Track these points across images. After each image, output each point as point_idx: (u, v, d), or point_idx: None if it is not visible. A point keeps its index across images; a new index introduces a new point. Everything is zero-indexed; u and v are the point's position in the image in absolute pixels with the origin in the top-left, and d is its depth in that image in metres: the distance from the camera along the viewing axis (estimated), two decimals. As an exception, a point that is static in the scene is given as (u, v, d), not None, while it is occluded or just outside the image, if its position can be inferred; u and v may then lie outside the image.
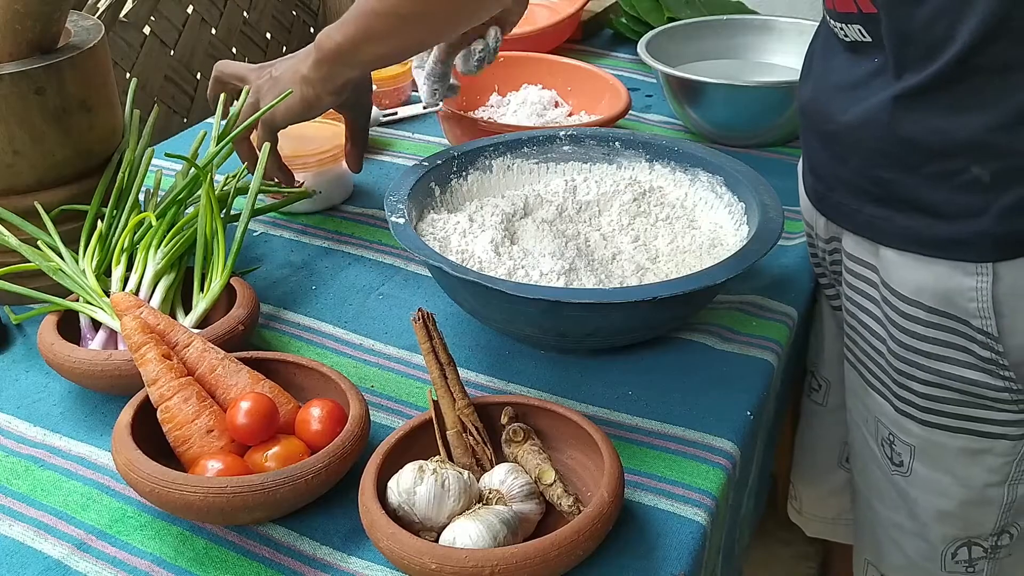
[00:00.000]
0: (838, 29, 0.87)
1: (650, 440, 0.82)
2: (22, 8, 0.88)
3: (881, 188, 0.84)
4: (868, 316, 0.92)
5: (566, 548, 0.65)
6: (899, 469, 0.93)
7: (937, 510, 0.92)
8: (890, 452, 0.93)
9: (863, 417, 0.97)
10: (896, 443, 0.92)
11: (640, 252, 0.93)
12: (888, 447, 0.93)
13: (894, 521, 0.97)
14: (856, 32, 0.84)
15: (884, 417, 0.93)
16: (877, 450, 0.95)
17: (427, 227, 0.95)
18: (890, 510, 0.97)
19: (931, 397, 0.88)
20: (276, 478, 0.69)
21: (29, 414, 0.84)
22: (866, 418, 0.96)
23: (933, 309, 0.84)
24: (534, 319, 0.85)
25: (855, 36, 0.84)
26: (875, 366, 0.92)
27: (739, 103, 1.25)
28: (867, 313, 0.92)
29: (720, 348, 0.92)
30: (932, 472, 0.91)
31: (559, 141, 1.06)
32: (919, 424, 0.89)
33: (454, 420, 0.74)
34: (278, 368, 0.81)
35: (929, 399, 0.88)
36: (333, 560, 0.71)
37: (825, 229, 0.96)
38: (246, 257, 1.06)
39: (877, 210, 0.85)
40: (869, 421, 0.95)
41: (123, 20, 1.46)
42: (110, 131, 0.99)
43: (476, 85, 1.36)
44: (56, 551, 0.71)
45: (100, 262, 0.91)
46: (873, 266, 0.89)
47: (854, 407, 0.99)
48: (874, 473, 0.97)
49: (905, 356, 0.88)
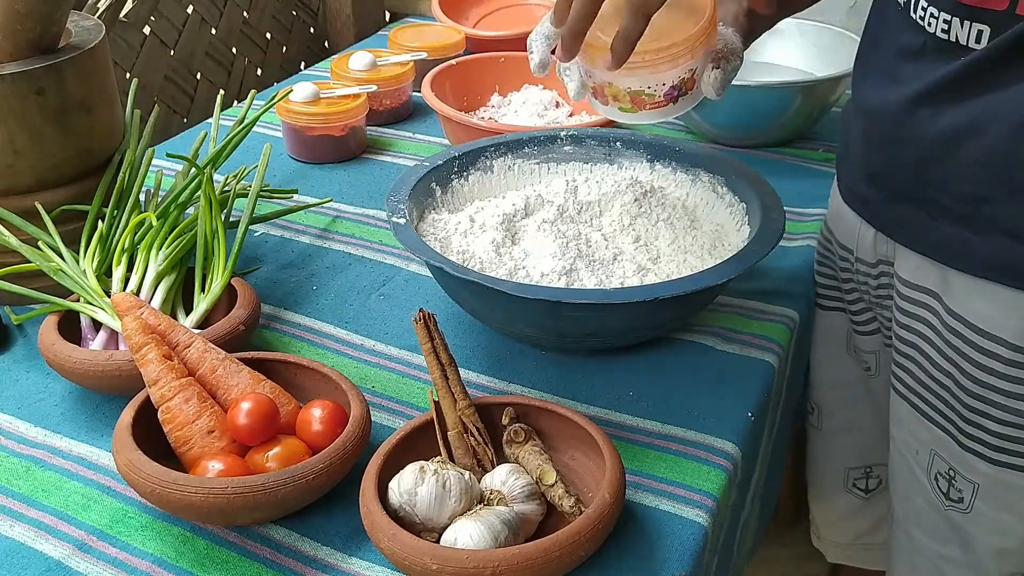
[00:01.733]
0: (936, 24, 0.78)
1: (651, 441, 0.82)
2: (22, 8, 0.88)
3: (967, 206, 0.77)
4: (928, 345, 0.86)
5: (567, 549, 0.65)
6: (957, 505, 0.89)
7: (997, 548, 0.88)
8: (947, 487, 0.88)
9: (911, 448, 0.92)
10: (957, 479, 0.87)
11: (641, 252, 0.93)
12: (945, 482, 0.88)
13: (941, 553, 0.92)
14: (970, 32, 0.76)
15: (944, 452, 0.88)
16: (927, 483, 0.90)
17: (428, 227, 0.95)
18: (937, 542, 0.92)
19: (1006, 437, 0.83)
20: (277, 479, 0.68)
21: (30, 414, 0.84)
22: (916, 450, 0.91)
23: (1017, 348, 0.78)
24: (535, 319, 0.85)
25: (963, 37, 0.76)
26: (936, 399, 0.87)
27: (739, 103, 1.25)
28: (927, 342, 0.86)
29: (721, 349, 0.92)
30: (996, 511, 0.86)
31: (560, 141, 1.06)
32: (988, 463, 0.84)
33: (455, 421, 0.74)
34: (279, 368, 0.81)
35: (1003, 438, 0.83)
36: (334, 561, 0.71)
37: (873, 249, 0.91)
38: (247, 257, 1.06)
39: (955, 230, 0.79)
40: (921, 453, 0.90)
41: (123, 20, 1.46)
42: (110, 131, 0.99)
43: (477, 85, 1.36)
44: (57, 552, 0.71)
45: (101, 262, 0.91)
46: (934, 292, 0.84)
47: (900, 437, 0.94)
48: (919, 505, 0.93)
49: (979, 393, 0.82)
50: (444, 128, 1.28)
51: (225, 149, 1.04)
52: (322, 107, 1.25)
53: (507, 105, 1.34)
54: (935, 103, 0.79)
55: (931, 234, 0.82)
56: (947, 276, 0.82)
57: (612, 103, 0.86)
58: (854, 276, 0.97)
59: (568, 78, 0.87)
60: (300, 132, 1.26)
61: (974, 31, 0.75)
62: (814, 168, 1.26)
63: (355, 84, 1.32)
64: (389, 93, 1.37)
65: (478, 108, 1.36)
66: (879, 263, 0.92)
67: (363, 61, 1.36)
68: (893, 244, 0.90)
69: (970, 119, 0.76)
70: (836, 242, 0.98)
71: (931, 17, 0.79)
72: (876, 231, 0.91)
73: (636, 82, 0.83)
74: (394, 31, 1.50)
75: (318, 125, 1.25)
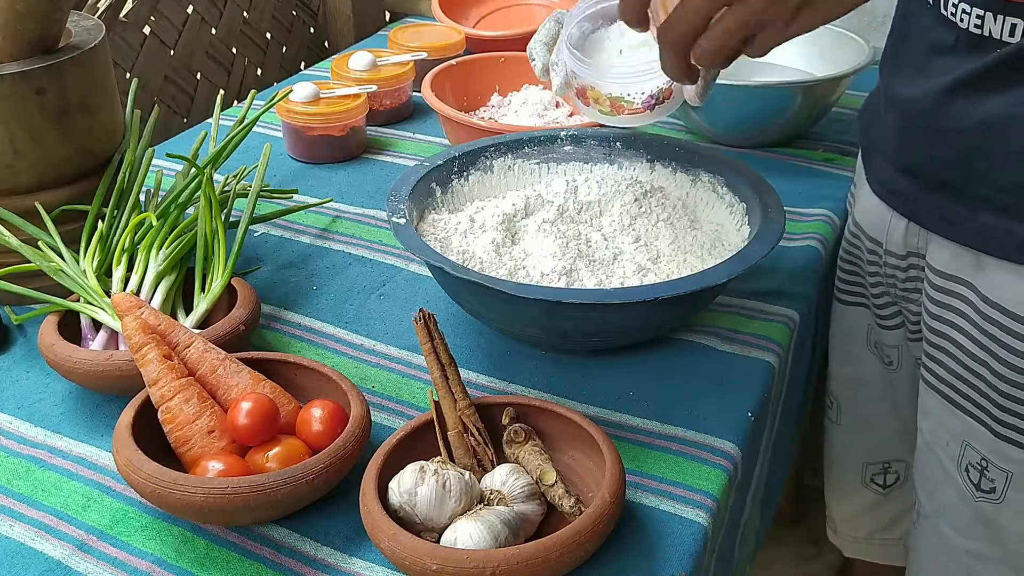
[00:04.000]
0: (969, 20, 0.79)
1: (651, 441, 0.82)
2: (23, 8, 0.88)
3: (1009, 195, 0.78)
4: (962, 335, 0.87)
5: (567, 549, 0.65)
6: (988, 496, 0.89)
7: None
8: (978, 478, 0.89)
9: (940, 440, 0.92)
10: (989, 469, 0.88)
11: (641, 252, 0.93)
12: (976, 472, 0.89)
13: (970, 548, 0.92)
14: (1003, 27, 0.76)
15: (976, 442, 0.88)
16: (957, 475, 0.91)
17: (428, 227, 0.95)
18: (966, 537, 0.92)
19: None
20: (277, 479, 0.68)
21: (30, 415, 0.84)
22: (946, 441, 0.91)
23: None
24: (536, 319, 0.85)
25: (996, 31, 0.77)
26: (970, 389, 0.87)
27: (739, 103, 1.25)
28: (960, 332, 0.87)
29: (721, 349, 0.92)
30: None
31: (560, 141, 1.06)
32: (1023, 450, 0.85)
33: (455, 420, 0.74)
34: (279, 368, 0.81)
35: None
36: (334, 561, 0.71)
37: (904, 241, 0.92)
38: (247, 257, 1.06)
39: (996, 219, 0.80)
40: (951, 445, 0.91)
41: (123, 20, 1.46)
42: (110, 131, 0.99)
43: (477, 85, 1.36)
44: (57, 552, 0.71)
45: (101, 262, 0.91)
46: (968, 282, 0.84)
47: (929, 429, 0.94)
48: (948, 498, 0.93)
49: (1014, 379, 0.83)
50: (444, 128, 1.28)
51: (225, 149, 1.04)
52: (322, 107, 1.25)
53: (507, 105, 1.34)
54: (971, 95, 0.80)
55: (969, 223, 0.82)
56: (983, 265, 0.82)
57: (593, 105, 0.91)
58: (881, 269, 0.97)
59: (554, 73, 0.91)
60: (300, 132, 1.26)
61: (1008, 25, 0.76)
62: (814, 168, 1.26)
63: (355, 84, 1.32)
64: (389, 93, 1.37)
65: (478, 108, 1.36)
66: (909, 255, 0.92)
67: (363, 61, 1.36)
68: (925, 235, 0.90)
69: (1007, 109, 0.77)
70: (864, 235, 0.98)
71: (963, 13, 0.79)
72: (908, 223, 0.92)
73: (618, 89, 0.89)
74: (394, 31, 1.50)
75: (318, 125, 1.25)
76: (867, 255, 0.99)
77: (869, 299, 1.03)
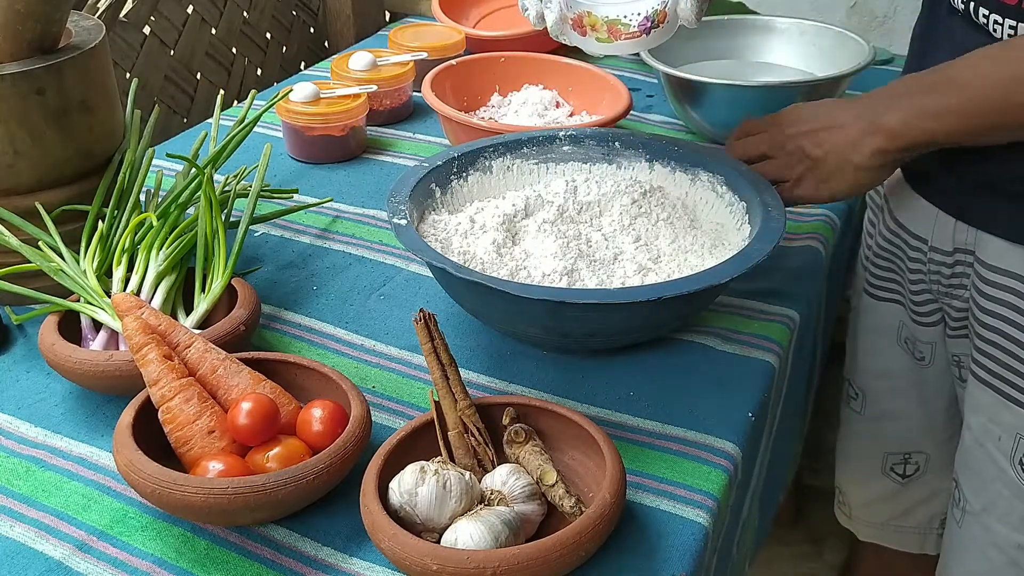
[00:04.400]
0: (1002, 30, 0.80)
1: (651, 441, 0.82)
2: (23, 8, 0.88)
3: None
4: (1016, 329, 0.88)
5: (568, 549, 0.65)
6: None
7: None
8: None
9: (992, 435, 0.93)
10: None
11: (641, 252, 0.93)
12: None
13: (1020, 542, 0.93)
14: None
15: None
16: (1010, 469, 0.92)
17: (428, 228, 0.95)
18: (1016, 531, 0.93)
19: None
20: (277, 479, 0.68)
21: (30, 415, 0.84)
22: (999, 436, 0.92)
23: None
24: (537, 320, 0.85)
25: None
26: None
27: (740, 103, 1.25)
28: (1014, 326, 0.88)
29: (721, 349, 0.92)
30: None
31: (559, 141, 1.06)
32: None
33: (455, 421, 0.74)
34: (279, 369, 0.81)
35: None
36: (334, 561, 0.71)
37: (952, 238, 0.92)
38: (247, 257, 1.06)
39: None
40: (1004, 439, 0.92)
41: (123, 20, 1.46)
42: (110, 131, 0.99)
43: (477, 85, 1.36)
44: (57, 552, 0.71)
45: (101, 263, 0.91)
46: (1020, 276, 0.85)
47: (978, 425, 0.95)
48: (999, 492, 0.94)
49: None
50: (444, 128, 1.28)
51: (225, 149, 1.04)
52: (322, 107, 1.25)
53: (507, 105, 1.34)
54: None
55: (1020, 219, 0.83)
56: None
57: (590, 33, 0.92)
58: (925, 267, 0.97)
59: (548, 12, 0.91)
60: (300, 132, 1.26)
61: None
62: (814, 168, 1.26)
63: (355, 84, 1.32)
64: (389, 93, 1.37)
65: (478, 108, 1.36)
66: (956, 251, 0.93)
67: (363, 61, 1.36)
68: (974, 231, 0.91)
69: None
70: (907, 232, 0.99)
71: (995, 24, 0.81)
72: (956, 220, 0.92)
73: (613, 11, 0.89)
74: (394, 31, 1.49)
75: (318, 125, 1.25)
76: (910, 252, 1.00)
77: (906, 295, 1.04)
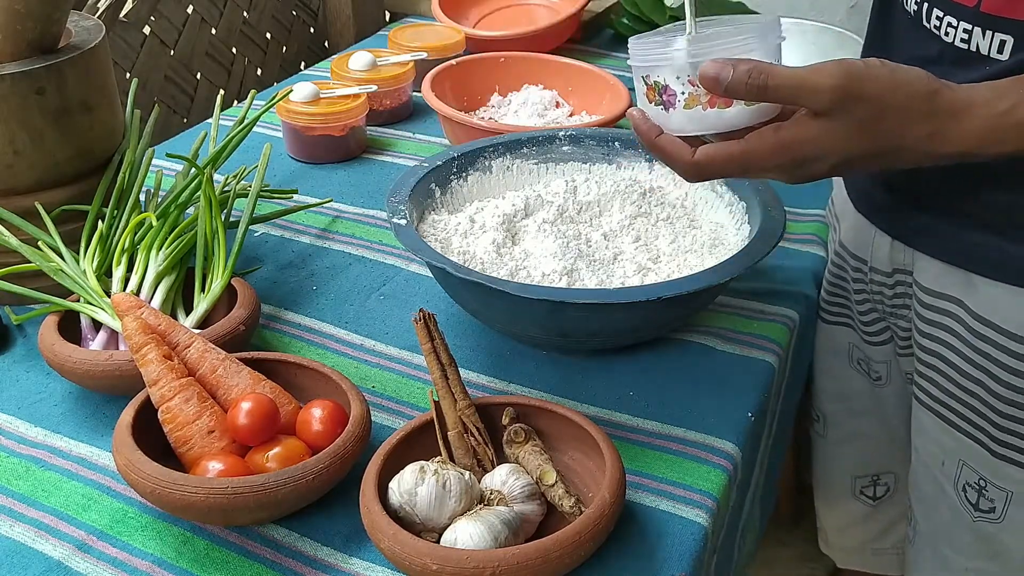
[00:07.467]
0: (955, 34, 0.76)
1: (651, 441, 0.82)
2: (23, 8, 0.88)
3: (994, 212, 0.77)
4: (954, 354, 0.85)
5: (567, 549, 0.65)
6: (988, 515, 0.87)
7: None
8: (976, 498, 0.88)
9: (936, 459, 0.91)
10: (988, 489, 0.86)
11: (641, 252, 0.93)
12: (975, 492, 0.88)
13: (970, 567, 0.91)
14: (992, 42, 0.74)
15: (974, 461, 0.87)
16: (954, 494, 0.89)
17: (428, 228, 0.95)
18: (965, 556, 0.91)
19: None
20: (277, 479, 0.68)
21: (30, 415, 0.84)
22: (942, 461, 0.90)
23: None
24: (537, 319, 0.85)
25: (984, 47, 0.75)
26: (965, 408, 0.86)
27: (740, 103, 1.24)
28: (952, 350, 0.85)
29: (721, 349, 0.92)
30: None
31: (558, 141, 1.06)
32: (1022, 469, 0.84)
33: (455, 421, 0.74)
34: (279, 369, 0.81)
35: None
36: (334, 561, 0.71)
37: (889, 258, 0.90)
38: (247, 257, 1.06)
39: (982, 237, 0.78)
40: (947, 464, 0.89)
41: (123, 20, 1.46)
42: (110, 131, 0.99)
43: (477, 85, 1.36)
44: (57, 552, 0.71)
45: (101, 262, 0.91)
46: (958, 299, 0.83)
47: (924, 448, 0.92)
48: (944, 517, 0.91)
49: (1013, 399, 0.81)
50: (444, 128, 1.28)
51: (225, 149, 1.04)
52: (322, 107, 1.25)
53: (507, 105, 1.34)
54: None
55: (956, 242, 0.81)
56: (973, 282, 0.81)
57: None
58: (867, 287, 0.95)
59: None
60: (300, 132, 1.26)
61: (996, 41, 0.74)
62: (814, 168, 1.26)
63: (355, 84, 1.32)
64: (389, 93, 1.37)
65: (478, 108, 1.36)
66: (895, 272, 0.91)
67: (363, 61, 1.36)
68: (912, 252, 0.88)
69: None
70: (848, 253, 0.96)
71: (948, 27, 0.77)
72: (892, 240, 0.90)
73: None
74: (394, 31, 1.49)
75: (318, 125, 1.25)
76: (852, 273, 0.98)
77: (855, 317, 1.01)
